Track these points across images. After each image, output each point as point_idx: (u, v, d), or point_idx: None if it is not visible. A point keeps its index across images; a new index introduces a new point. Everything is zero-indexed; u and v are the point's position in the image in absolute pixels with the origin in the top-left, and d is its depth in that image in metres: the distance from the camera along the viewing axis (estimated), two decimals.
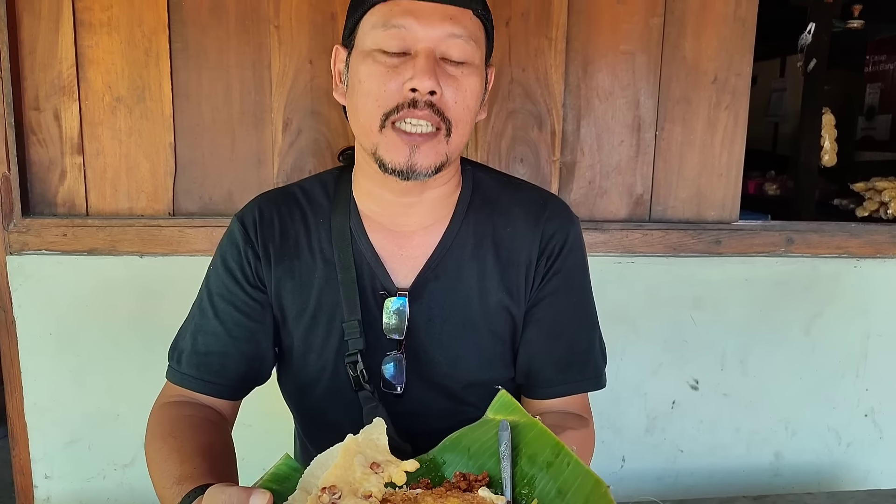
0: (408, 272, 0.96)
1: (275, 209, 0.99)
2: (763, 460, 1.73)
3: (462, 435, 0.78)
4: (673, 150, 1.60)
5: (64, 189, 1.49)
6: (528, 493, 0.71)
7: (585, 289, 1.02)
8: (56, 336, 1.50)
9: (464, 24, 0.85)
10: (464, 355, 0.97)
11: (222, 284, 0.97)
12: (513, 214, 0.99)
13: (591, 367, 0.99)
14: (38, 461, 1.55)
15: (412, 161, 0.85)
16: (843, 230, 1.64)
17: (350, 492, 0.65)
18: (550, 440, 0.73)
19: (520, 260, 0.97)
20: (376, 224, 0.97)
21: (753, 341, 1.67)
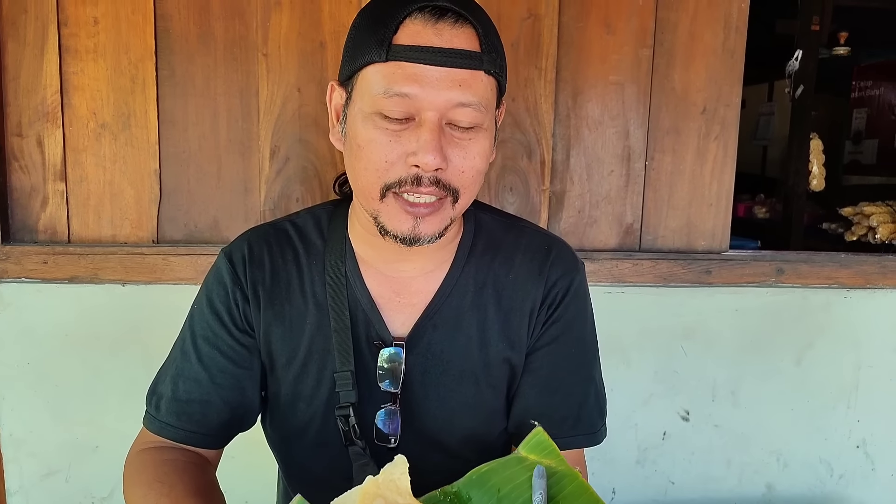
0: (405, 320, 0.92)
1: (265, 247, 0.93)
2: (755, 492, 1.71)
3: (492, 471, 0.73)
4: (663, 179, 1.59)
5: (46, 216, 1.46)
6: None
7: (585, 340, 0.97)
8: (34, 365, 1.47)
9: (474, 90, 0.78)
10: (459, 409, 0.92)
11: (207, 327, 0.92)
12: (516, 260, 0.95)
13: (585, 422, 0.95)
14: (14, 494, 1.51)
15: (417, 231, 0.81)
16: (832, 260, 1.64)
17: None
18: (592, 498, 0.68)
19: (523, 307, 0.93)
20: (373, 269, 0.93)
21: (744, 372, 1.65)
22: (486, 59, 0.79)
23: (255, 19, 1.44)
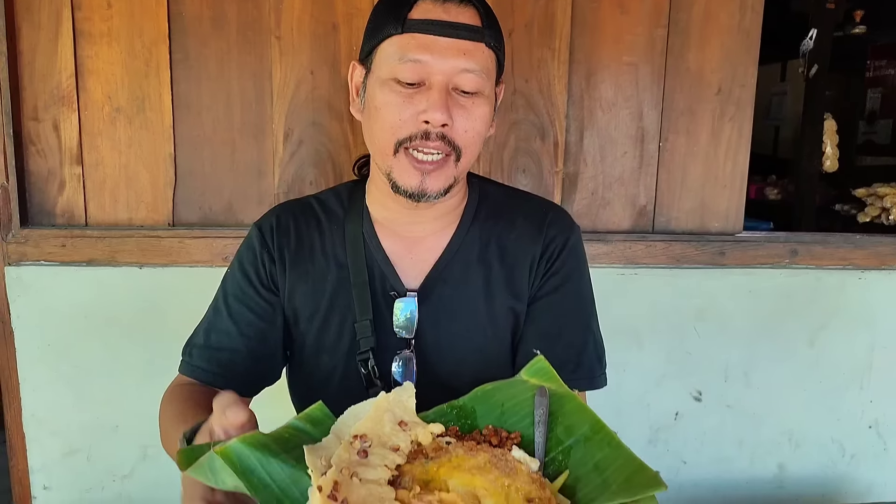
0: (417, 275, 1.01)
1: (291, 217, 1.04)
2: (767, 472, 1.72)
3: (496, 389, 0.79)
4: (676, 161, 1.59)
5: (63, 199, 1.48)
6: (561, 460, 0.71)
7: (582, 292, 1.04)
8: (54, 347, 1.49)
9: (476, 59, 0.89)
10: (468, 355, 1.00)
11: (237, 286, 1.02)
12: (517, 222, 1.04)
13: (585, 367, 1.01)
14: (37, 472, 1.54)
15: (423, 186, 0.90)
16: (847, 241, 1.63)
17: (379, 443, 0.67)
18: (590, 417, 0.72)
19: (524, 262, 1.01)
20: (387, 230, 1.02)
21: (757, 353, 1.66)
22: (486, 33, 0.91)
23: (268, 2, 1.44)
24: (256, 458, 0.63)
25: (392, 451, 0.67)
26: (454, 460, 0.66)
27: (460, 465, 0.65)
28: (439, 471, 0.64)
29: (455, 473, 0.63)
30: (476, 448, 0.68)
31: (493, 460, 0.66)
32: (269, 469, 0.64)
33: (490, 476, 0.63)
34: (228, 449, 0.62)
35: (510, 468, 0.66)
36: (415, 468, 0.65)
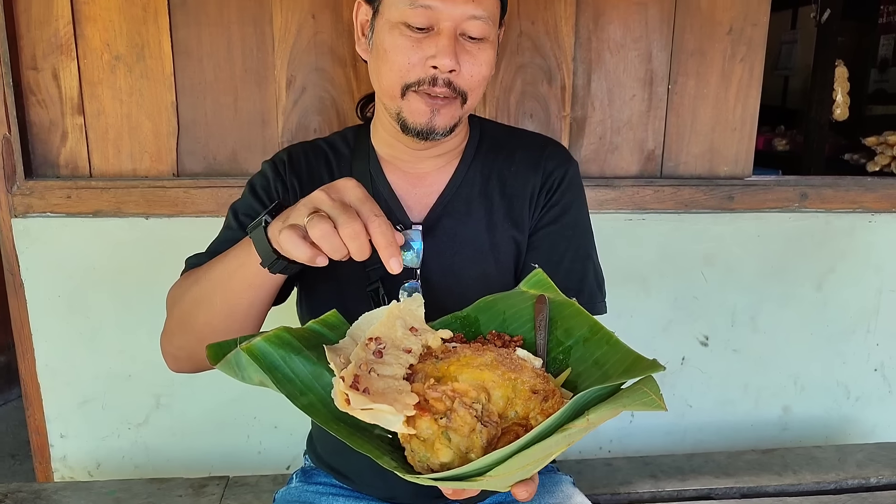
0: (422, 209, 1.03)
1: (302, 154, 1.07)
2: (771, 415, 1.74)
3: (497, 299, 0.82)
4: (686, 104, 1.56)
5: (66, 150, 1.47)
6: (562, 359, 0.75)
7: (581, 223, 1.07)
8: (65, 298, 1.50)
9: (484, 5, 0.90)
10: (472, 285, 1.01)
11: (249, 206, 1.02)
12: (517, 156, 1.06)
13: (586, 293, 1.04)
14: (53, 421, 1.57)
15: (432, 123, 0.92)
16: (858, 184, 1.62)
17: (393, 345, 0.71)
18: (588, 319, 0.76)
19: (524, 193, 1.04)
20: (392, 167, 1.04)
21: (764, 297, 1.66)
22: None
23: None
24: (279, 355, 0.67)
25: (405, 353, 0.71)
26: (463, 359, 0.69)
27: (469, 362, 0.68)
28: (449, 368, 0.67)
29: (464, 370, 0.66)
30: (482, 349, 0.72)
31: (498, 358, 0.69)
32: (292, 365, 0.67)
33: (497, 371, 0.66)
34: (253, 346, 0.65)
35: (515, 365, 0.69)
36: (426, 367, 0.69)
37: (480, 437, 0.60)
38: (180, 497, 1.34)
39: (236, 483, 1.40)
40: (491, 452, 0.56)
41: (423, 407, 0.61)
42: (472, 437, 0.60)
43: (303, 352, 0.69)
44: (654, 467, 1.45)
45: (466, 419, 0.60)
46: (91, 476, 1.60)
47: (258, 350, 0.66)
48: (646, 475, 1.42)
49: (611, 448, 1.71)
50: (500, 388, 0.65)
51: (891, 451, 1.51)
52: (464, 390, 0.63)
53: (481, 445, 0.60)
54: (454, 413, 0.60)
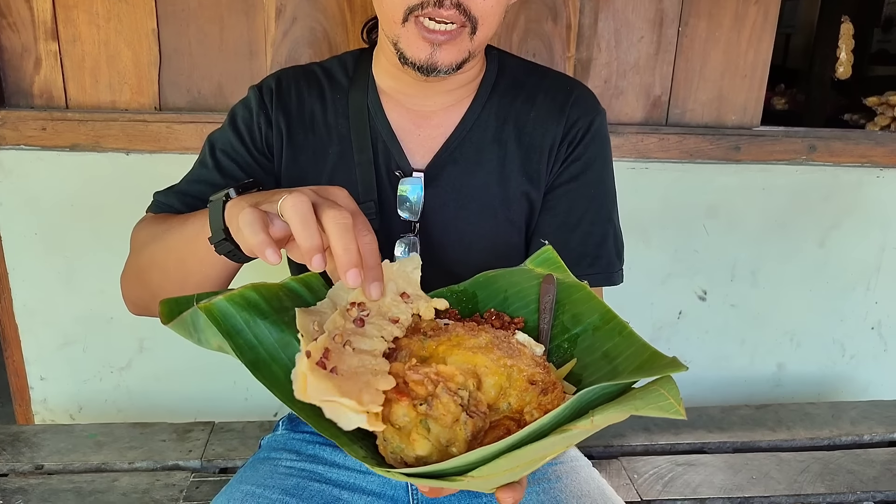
0: (425, 153, 0.93)
1: (293, 82, 0.96)
2: (766, 371, 1.72)
3: (499, 275, 0.75)
4: (696, 47, 1.49)
5: (40, 79, 1.38)
6: (567, 348, 0.68)
7: (604, 181, 0.97)
8: (42, 236, 1.43)
9: None
10: (477, 243, 0.94)
11: (228, 142, 0.94)
12: (538, 100, 0.94)
13: (603, 260, 0.95)
14: (32, 363, 1.52)
15: (433, 59, 0.82)
16: (868, 138, 1.56)
17: (378, 313, 0.63)
18: (599, 306, 0.68)
19: (543, 144, 0.93)
20: (394, 102, 0.94)
21: (766, 252, 1.62)
22: None
23: None
24: (243, 318, 0.58)
25: (391, 323, 0.63)
26: (454, 339, 0.62)
27: (460, 343, 0.61)
28: (438, 348, 0.60)
29: (455, 351, 0.59)
30: (477, 329, 0.64)
31: (495, 341, 0.62)
32: (257, 331, 0.58)
33: (492, 355, 0.59)
34: (213, 306, 0.56)
35: (513, 350, 0.62)
36: (412, 344, 0.61)
37: (464, 429, 0.53)
38: (164, 441, 1.31)
39: (222, 429, 1.37)
40: (476, 448, 0.48)
41: (402, 390, 0.54)
42: (454, 428, 0.53)
43: (271, 316, 0.60)
44: (647, 420, 1.43)
45: (450, 407, 0.53)
46: (73, 419, 1.56)
47: (218, 311, 0.56)
48: (639, 428, 1.41)
49: None
50: (493, 375, 0.57)
51: (884, 409, 1.50)
52: (450, 374, 0.55)
53: (465, 438, 0.53)
54: (436, 399, 0.53)
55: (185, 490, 1.17)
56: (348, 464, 0.98)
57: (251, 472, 0.94)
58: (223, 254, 0.70)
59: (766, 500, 1.21)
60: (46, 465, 1.23)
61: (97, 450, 1.27)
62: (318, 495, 0.91)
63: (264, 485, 0.91)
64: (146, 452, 1.27)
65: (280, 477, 0.93)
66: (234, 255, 0.70)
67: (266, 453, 1.00)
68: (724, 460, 1.31)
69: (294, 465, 0.96)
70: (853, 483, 1.25)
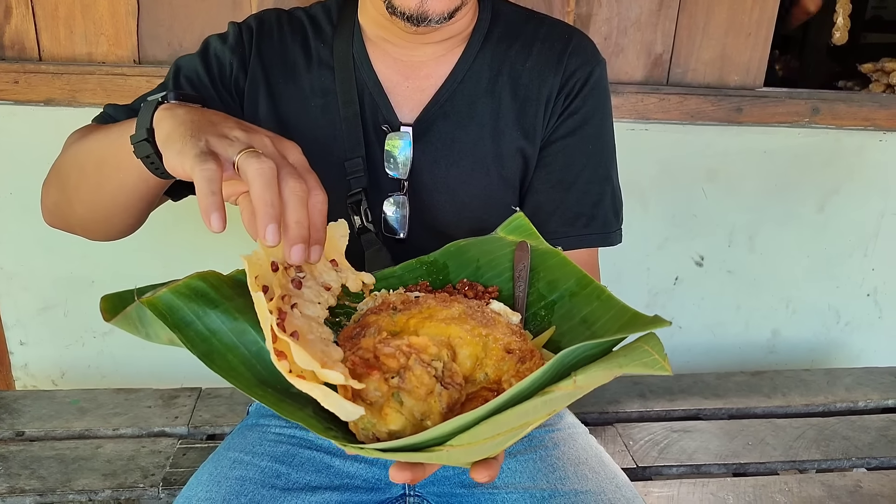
0: (413, 106, 0.88)
1: (276, 25, 0.90)
2: (760, 337, 1.71)
3: (470, 244, 0.73)
4: (700, 3, 1.43)
5: (11, 29, 1.30)
6: (545, 315, 0.66)
7: (603, 136, 0.92)
8: (17, 196, 1.37)
9: None
10: (470, 202, 0.89)
11: (195, 70, 0.87)
12: (534, 49, 0.89)
13: (599, 220, 0.91)
14: (12, 328, 1.47)
15: (423, 7, 0.77)
16: (872, 100, 1.53)
17: (311, 277, 0.60)
18: (575, 271, 0.66)
19: (539, 96, 0.88)
20: (381, 52, 0.89)
21: (765, 217, 1.59)
22: None
23: None
24: (192, 310, 0.54)
25: (325, 290, 0.60)
26: (425, 311, 0.59)
27: (432, 315, 0.58)
28: (409, 322, 0.57)
29: (427, 324, 0.56)
30: (450, 300, 0.62)
31: (468, 311, 0.59)
32: (208, 322, 0.55)
33: (465, 326, 0.56)
34: (157, 300, 0.52)
35: (488, 320, 0.59)
36: (381, 319, 0.58)
37: (439, 402, 0.50)
38: (149, 408, 1.27)
39: (209, 395, 1.33)
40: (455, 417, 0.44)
41: (372, 364, 0.51)
42: (428, 400, 0.50)
43: (221, 304, 0.56)
44: (642, 387, 1.42)
45: (423, 379, 0.50)
46: (55, 385, 1.52)
47: (163, 304, 0.53)
48: (634, 394, 1.39)
49: None
50: (468, 346, 0.55)
51: (879, 376, 1.50)
52: (422, 345, 0.53)
53: (440, 411, 0.50)
54: (409, 371, 0.50)
55: (171, 457, 1.14)
56: None
57: (239, 439, 0.91)
58: (141, 157, 0.63)
59: (762, 465, 1.20)
60: (28, 431, 1.19)
61: (80, 416, 1.24)
62: (309, 462, 0.89)
63: (253, 452, 0.88)
64: (131, 419, 1.23)
65: (269, 444, 0.90)
66: (151, 163, 0.63)
67: (254, 420, 0.97)
68: (719, 427, 1.29)
69: (283, 431, 0.93)
70: (848, 449, 1.24)
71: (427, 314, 0.58)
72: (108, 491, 1.05)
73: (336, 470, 0.89)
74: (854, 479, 1.17)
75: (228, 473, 0.84)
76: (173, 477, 1.09)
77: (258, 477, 0.83)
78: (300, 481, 0.86)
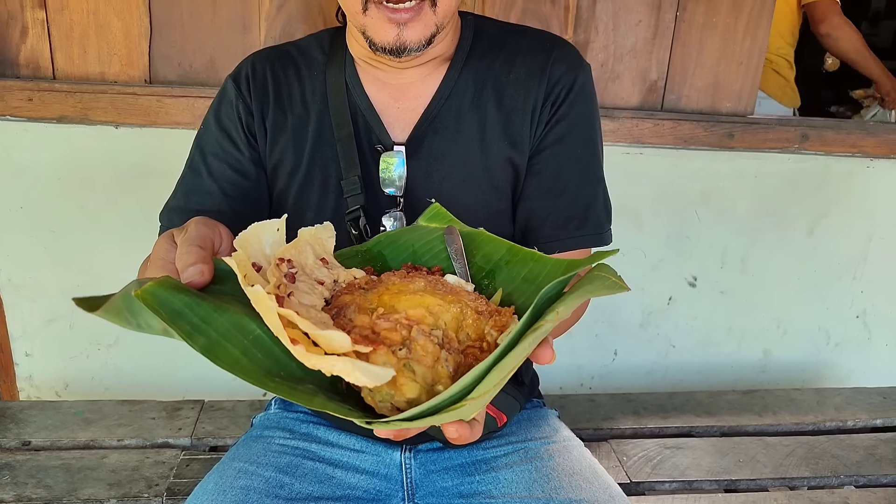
0: (405, 126, 0.93)
1: (268, 64, 0.95)
2: (752, 357, 1.74)
3: (398, 234, 0.75)
4: (693, 33, 1.48)
5: (27, 48, 1.34)
6: (488, 284, 0.69)
7: (591, 140, 0.95)
8: (28, 210, 1.41)
9: None
10: (464, 212, 0.90)
11: (216, 143, 0.94)
12: (517, 61, 0.93)
13: (592, 222, 0.94)
14: (18, 339, 1.50)
15: (401, 39, 0.82)
16: (860, 128, 1.58)
17: (304, 273, 0.61)
18: (503, 243, 0.70)
19: (524, 106, 0.91)
20: (371, 76, 0.94)
21: (756, 240, 1.63)
22: None
23: None
24: (182, 302, 0.51)
25: (318, 284, 0.62)
26: (392, 287, 0.61)
27: (402, 290, 0.60)
28: (382, 297, 0.59)
29: (402, 298, 0.58)
30: (410, 276, 0.64)
31: (432, 284, 0.62)
32: (203, 313, 0.52)
33: (436, 296, 0.59)
34: (146, 292, 0.49)
35: (451, 289, 0.62)
36: (356, 298, 0.60)
37: (447, 366, 0.53)
38: (153, 419, 1.30)
39: (212, 407, 1.36)
40: (468, 372, 0.48)
41: (374, 340, 0.53)
42: (436, 367, 0.53)
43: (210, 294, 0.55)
44: (636, 404, 1.45)
45: (428, 347, 0.53)
46: (59, 396, 1.55)
47: (152, 297, 0.50)
48: (628, 412, 1.42)
49: (592, 385, 1.71)
50: (448, 312, 0.57)
51: (868, 396, 1.53)
52: (419, 317, 0.55)
53: (448, 374, 0.53)
54: (414, 342, 0.53)
55: (175, 468, 1.16)
56: (342, 442, 0.97)
57: (244, 450, 0.94)
58: None
59: (753, 482, 1.23)
60: (34, 441, 1.21)
61: (85, 427, 1.26)
62: (312, 473, 0.91)
63: (258, 462, 0.90)
64: (135, 430, 1.26)
65: (273, 455, 0.92)
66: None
67: (259, 431, 1.00)
68: (711, 444, 1.32)
69: (287, 443, 0.96)
70: (837, 467, 1.27)
71: (396, 290, 0.60)
72: (114, 500, 1.08)
73: (338, 481, 0.92)
74: (842, 497, 1.20)
75: (233, 483, 0.86)
76: (177, 487, 1.11)
77: (262, 487, 0.86)
78: (303, 492, 0.88)
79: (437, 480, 0.94)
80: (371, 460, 0.96)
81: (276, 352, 0.53)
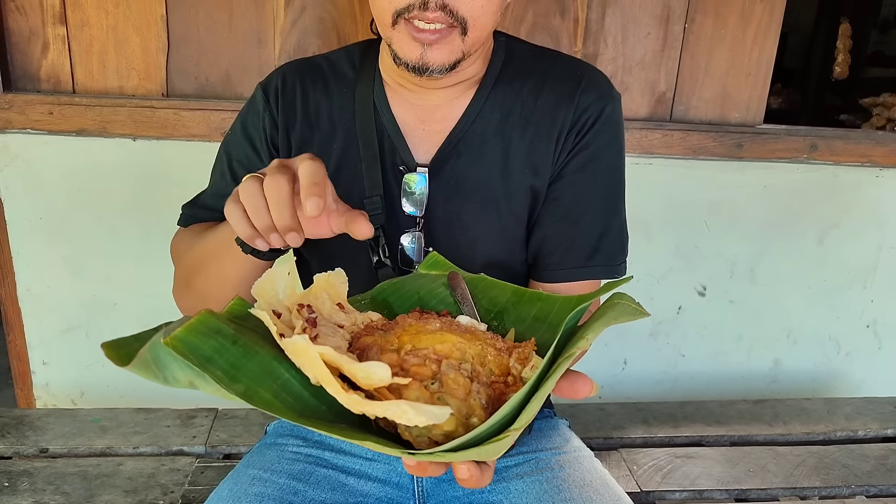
0: (429, 147, 0.93)
1: (297, 77, 0.96)
2: (762, 366, 1.74)
3: (402, 282, 0.76)
4: (702, 44, 1.50)
5: (47, 63, 1.38)
6: (498, 325, 0.70)
7: (614, 170, 0.94)
8: (47, 221, 1.43)
9: None
10: (482, 236, 0.93)
11: (242, 152, 0.96)
12: (546, 87, 0.92)
13: (604, 253, 0.93)
14: (35, 348, 1.52)
15: (424, 59, 0.82)
16: (869, 138, 1.58)
17: (322, 319, 0.63)
18: (508, 287, 0.71)
19: (550, 133, 0.91)
20: (399, 97, 0.94)
21: (766, 249, 1.64)
22: None
23: None
24: (212, 348, 0.51)
25: (339, 328, 0.62)
26: (409, 328, 0.62)
27: (420, 330, 0.61)
28: (402, 338, 0.60)
29: (421, 337, 0.59)
30: (425, 317, 0.65)
31: (447, 324, 0.63)
32: (232, 359, 0.52)
33: (455, 334, 0.60)
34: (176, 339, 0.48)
35: (466, 329, 0.63)
36: (376, 339, 0.60)
37: (479, 399, 0.54)
38: (168, 427, 1.32)
39: (225, 415, 1.37)
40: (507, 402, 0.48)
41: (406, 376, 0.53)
42: (469, 399, 0.53)
43: (239, 339, 0.54)
44: (646, 413, 1.45)
45: (459, 381, 0.53)
46: (74, 404, 1.57)
47: (182, 343, 0.49)
48: (638, 421, 1.42)
49: (601, 394, 1.71)
50: (472, 348, 0.58)
51: (879, 406, 1.53)
52: (447, 352, 0.56)
53: (481, 406, 0.53)
54: (445, 376, 0.53)
55: (190, 475, 1.18)
56: (354, 451, 0.99)
57: (258, 457, 0.95)
58: (248, 253, 0.77)
59: (763, 492, 1.23)
60: (52, 448, 1.23)
61: (101, 434, 1.28)
62: (325, 481, 0.93)
63: (271, 469, 0.92)
64: (151, 437, 1.28)
65: (287, 462, 0.94)
66: (258, 253, 0.76)
67: (273, 439, 1.01)
68: (721, 453, 1.32)
69: (301, 450, 0.97)
70: (847, 477, 1.27)
71: (414, 330, 0.61)
72: None
73: (351, 489, 0.93)
74: None
75: (248, 490, 0.88)
76: (192, 494, 1.13)
77: (276, 494, 0.87)
78: (316, 499, 0.90)
79: (448, 489, 0.95)
80: (383, 468, 0.97)
81: (306, 396, 0.54)
